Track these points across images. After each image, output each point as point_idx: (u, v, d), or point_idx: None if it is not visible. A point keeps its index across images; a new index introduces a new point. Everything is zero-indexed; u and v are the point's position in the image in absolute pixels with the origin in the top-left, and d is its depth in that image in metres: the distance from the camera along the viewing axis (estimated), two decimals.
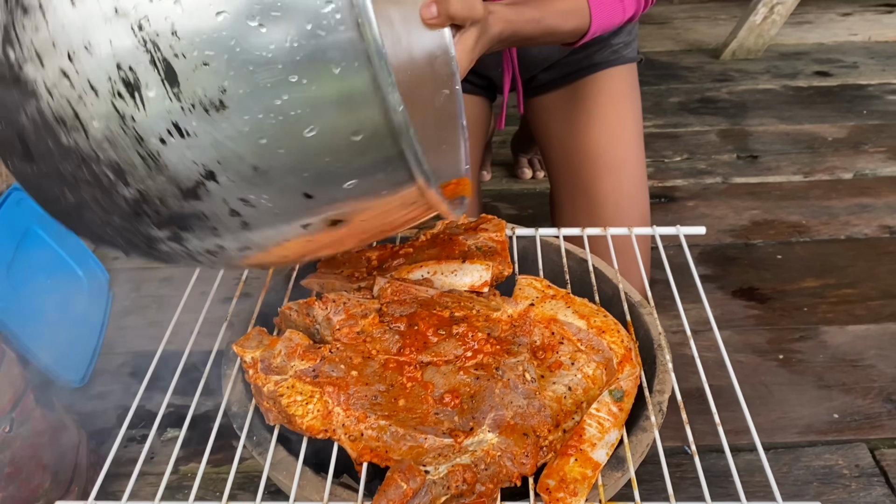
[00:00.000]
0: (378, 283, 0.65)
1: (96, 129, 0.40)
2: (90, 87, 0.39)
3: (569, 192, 0.98)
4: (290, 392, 0.56)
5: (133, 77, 0.38)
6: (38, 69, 0.40)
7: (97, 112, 0.40)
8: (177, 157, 0.40)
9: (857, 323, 1.11)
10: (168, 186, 0.42)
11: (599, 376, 0.59)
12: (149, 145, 0.40)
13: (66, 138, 0.41)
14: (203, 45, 0.37)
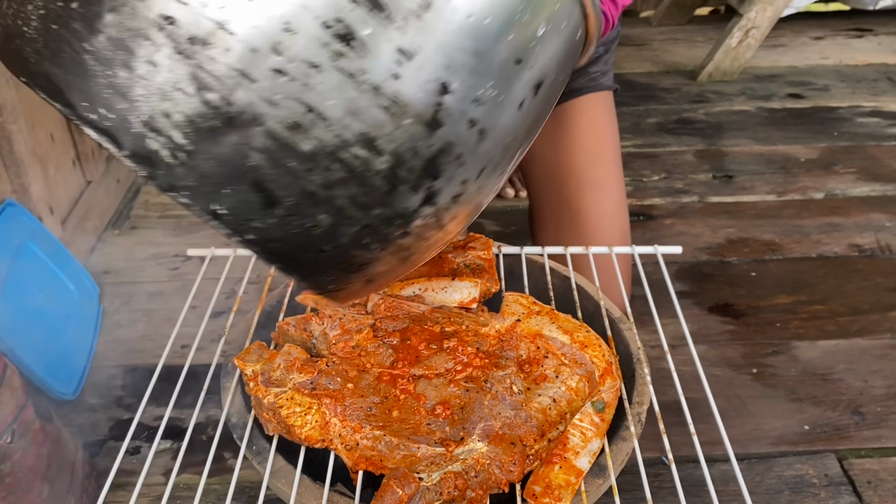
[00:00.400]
0: (372, 300, 0.68)
1: (334, 108, 0.38)
2: (311, 65, 0.37)
3: (551, 209, 1.02)
4: (289, 403, 0.59)
5: (343, 27, 0.37)
6: (249, 87, 0.37)
7: (327, 87, 0.38)
8: (414, 86, 0.38)
9: (827, 338, 1.15)
10: (415, 128, 0.40)
11: (582, 389, 0.62)
12: (386, 90, 0.38)
13: (308, 141, 0.39)
14: None
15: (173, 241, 1.39)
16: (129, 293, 1.26)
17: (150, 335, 1.17)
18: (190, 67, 0.37)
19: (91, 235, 1.36)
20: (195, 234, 1.40)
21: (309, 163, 0.39)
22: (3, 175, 1.12)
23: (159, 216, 1.46)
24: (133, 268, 1.32)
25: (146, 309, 1.23)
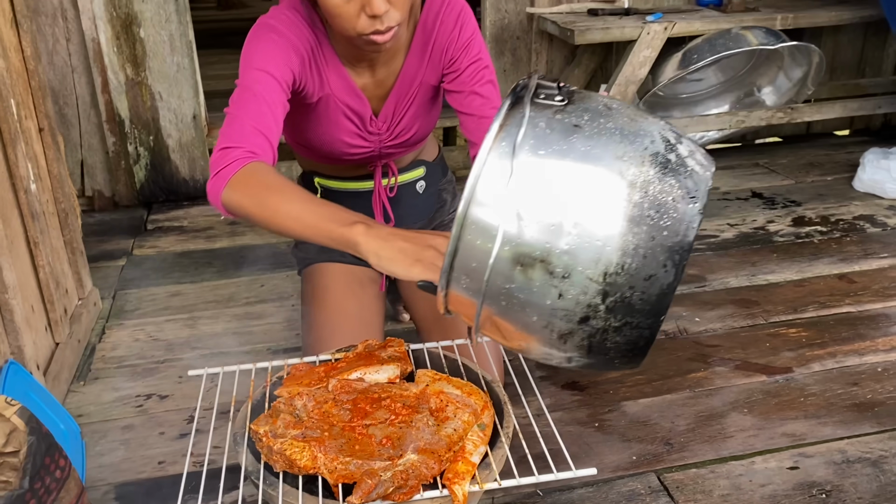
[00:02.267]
0: (331, 383, 1.05)
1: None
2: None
3: (435, 320, 1.42)
4: (290, 448, 0.94)
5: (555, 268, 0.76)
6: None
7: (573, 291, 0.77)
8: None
9: (645, 397, 1.59)
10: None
11: (471, 420, 1.01)
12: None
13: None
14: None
15: (133, 385, 1.68)
16: (104, 429, 1.54)
17: (130, 458, 1.45)
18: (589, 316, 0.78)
19: (64, 386, 1.63)
20: (151, 378, 1.70)
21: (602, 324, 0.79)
22: (5, 339, 1.41)
23: (116, 367, 1.75)
24: (103, 409, 1.60)
25: (122, 439, 1.51)
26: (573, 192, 0.77)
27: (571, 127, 0.79)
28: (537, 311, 0.79)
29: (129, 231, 2.43)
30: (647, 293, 0.78)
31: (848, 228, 2.34)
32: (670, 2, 2.79)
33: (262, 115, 1.11)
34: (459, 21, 1.27)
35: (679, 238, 0.77)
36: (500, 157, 0.78)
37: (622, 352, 0.83)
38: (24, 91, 1.63)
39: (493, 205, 0.78)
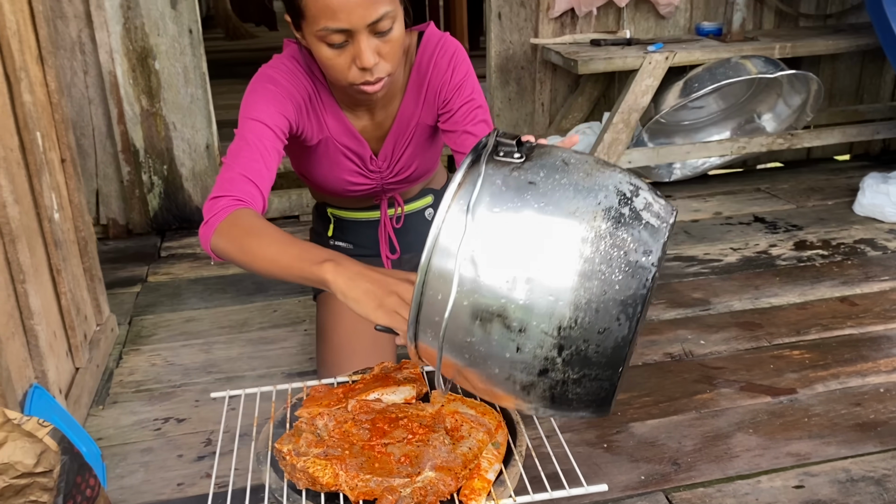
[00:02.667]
0: (350, 404, 1.09)
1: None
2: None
3: None
4: (313, 466, 0.97)
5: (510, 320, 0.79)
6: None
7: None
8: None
9: (653, 418, 1.62)
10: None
11: (485, 438, 1.04)
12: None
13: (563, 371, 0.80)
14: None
15: (150, 409, 1.71)
16: (124, 452, 1.57)
17: (149, 480, 1.49)
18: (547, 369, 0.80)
19: (84, 410, 1.67)
20: (168, 402, 1.73)
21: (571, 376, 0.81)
22: (30, 364, 1.45)
23: (134, 391, 1.78)
24: (122, 433, 1.63)
25: (141, 461, 1.54)
26: (526, 248, 0.79)
27: (526, 184, 0.81)
28: (498, 364, 0.82)
29: (144, 258, 2.48)
30: (602, 346, 0.79)
31: (849, 252, 2.38)
32: (671, 32, 2.86)
33: (252, 163, 1.17)
34: (452, 63, 1.32)
35: (632, 291, 0.78)
36: (458, 214, 0.81)
37: (585, 402, 0.85)
38: (48, 124, 1.69)
39: (451, 260, 0.80)
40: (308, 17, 1.14)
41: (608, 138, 2.50)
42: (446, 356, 0.85)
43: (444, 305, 0.80)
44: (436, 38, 1.34)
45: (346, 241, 1.58)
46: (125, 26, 2.40)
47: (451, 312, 0.80)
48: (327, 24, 1.12)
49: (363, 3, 1.10)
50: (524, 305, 0.78)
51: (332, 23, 1.11)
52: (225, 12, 6.12)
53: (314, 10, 1.12)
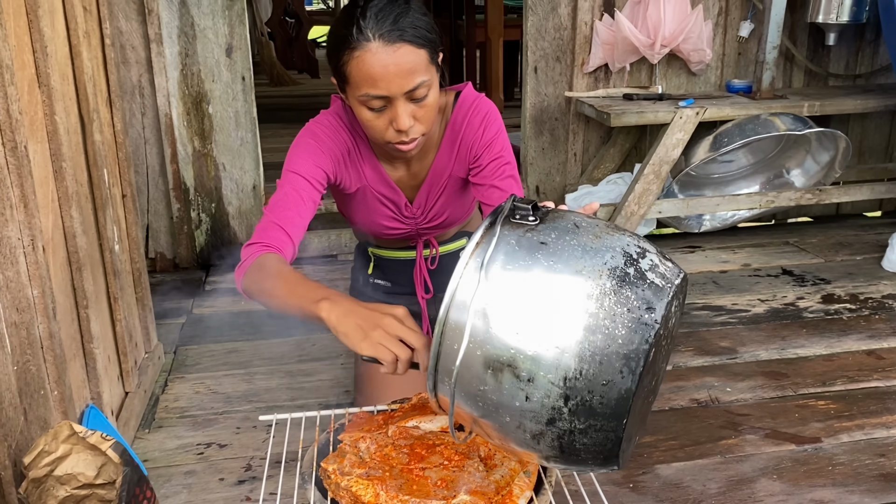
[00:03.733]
0: (390, 429, 1.16)
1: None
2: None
3: None
4: (356, 485, 1.04)
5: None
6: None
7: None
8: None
9: (678, 461, 1.66)
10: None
11: (517, 467, 1.10)
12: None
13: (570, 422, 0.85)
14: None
15: (194, 434, 1.79)
16: (168, 474, 1.65)
17: (192, 501, 1.56)
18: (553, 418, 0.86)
19: (132, 433, 1.76)
20: (210, 428, 1.81)
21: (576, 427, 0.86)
22: (87, 385, 1.55)
23: (178, 416, 1.87)
24: (166, 456, 1.71)
25: (185, 483, 1.62)
26: (535, 303, 0.85)
27: (538, 244, 0.88)
28: (509, 413, 0.87)
29: (189, 291, 2.59)
30: (606, 397, 0.84)
31: (877, 307, 2.41)
32: (702, 88, 2.95)
33: (286, 212, 1.32)
34: (484, 122, 1.43)
35: (635, 346, 0.83)
36: (473, 270, 0.88)
37: (592, 453, 0.89)
38: (112, 161, 1.81)
39: (465, 313, 0.87)
40: (351, 82, 1.25)
41: (639, 189, 2.58)
42: (462, 406, 0.91)
43: (458, 355, 0.87)
44: (471, 98, 1.45)
45: (385, 279, 1.67)
46: (182, 72, 2.55)
47: (462, 361, 0.87)
48: (368, 90, 1.24)
49: (401, 74, 1.22)
50: (532, 356, 0.84)
51: (372, 90, 1.23)
52: (270, 60, 6.36)
53: (357, 77, 1.24)
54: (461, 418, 0.95)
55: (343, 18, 1.25)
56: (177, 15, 2.50)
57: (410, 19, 1.23)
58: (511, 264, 0.87)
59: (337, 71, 1.28)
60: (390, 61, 1.21)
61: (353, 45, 1.22)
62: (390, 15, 1.22)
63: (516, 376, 0.85)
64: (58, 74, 1.45)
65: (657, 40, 2.70)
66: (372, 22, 1.21)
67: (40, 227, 1.28)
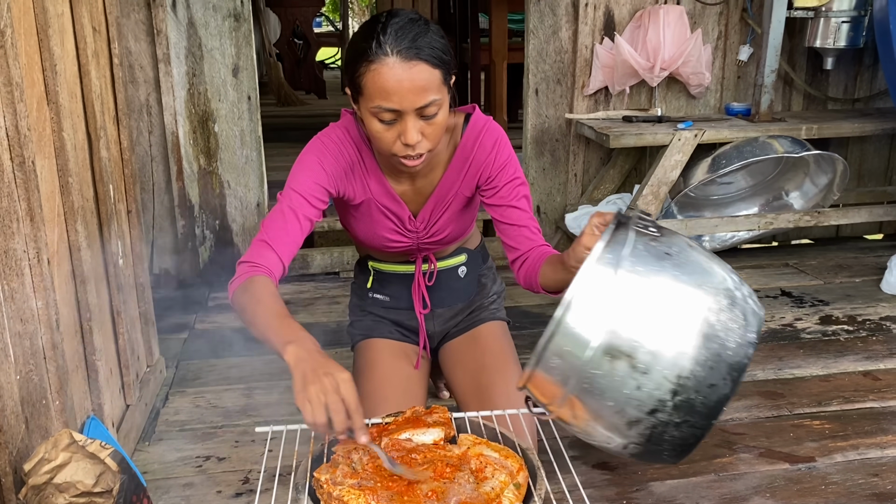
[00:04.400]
0: (383, 441, 1.18)
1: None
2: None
3: (474, 393, 1.55)
4: (347, 494, 1.06)
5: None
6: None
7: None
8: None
9: (672, 478, 1.67)
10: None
11: (507, 480, 1.12)
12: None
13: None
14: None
15: (193, 447, 1.81)
16: (167, 486, 1.67)
17: None
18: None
19: (132, 445, 1.78)
20: (209, 441, 1.83)
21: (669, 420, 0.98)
22: (88, 396, 1.57)
23: (178, 430, 1.89)
24: (166, 468, 1.73)
25: (183, 495, 1.63)
26: (663, 305, 0.97)
27: (664, 254, 1.00)
28: (614, 398, 0.97)
29: (192, 307, 2.62)
30: (708, 399, 0.96)
31: (874, 328, 2.42)
32: (701, 111, 2.99)
33: (280, 232, 1.38)
34: (497, 146, 1.49)
35: (738, 359, 0.97)
36: (605, 265, 0.98)
37: (674, 445, 1.00)
38: (118, 178, 1.85)
39: (594, 302, 0.96)
40: (365, 94, 1.30)
41: None
42: (559, 384, 1.00)
43: (583, 338, 0.96)
44: (481, 122, 1.51)
45: (384, 293, 1.70)
46: (189, 91, 2.60)
47: (578, 344, 0.97)
48: (381, 103, 1.28)
49: (414, 90, 1.27)
50: (653, 351, 0.94)
51: (385, 103, 1.28)
52: (278, 80, 6.43)
53: (371, 89, 1.28)
54: (548, 395, 1.03)
55: (364, 32, 1.31)
56: (185, 36, 2.56)
57: (428, 39, 1.29)
58: (641, 266, 0.98)
59: (352, 82, 1.33)
60: (405, 77, 1.26)
61: (370, 57, 1.27)
62: (409, 33, 1.28)
63: (633, 366, 0.95)
64: (66, 92, 1.49)
65: (657, 64, 2.74)
66: (392, 38, 1.27)
67: (46, 240, 1.32)
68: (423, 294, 1.66)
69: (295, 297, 2.72)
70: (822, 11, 2.72)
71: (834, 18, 2.73)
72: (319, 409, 1.06)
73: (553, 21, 2.82)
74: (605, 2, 2.81)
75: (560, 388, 1.00)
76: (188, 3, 2.54)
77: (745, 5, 2.88)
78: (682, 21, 2.76)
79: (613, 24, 2.83)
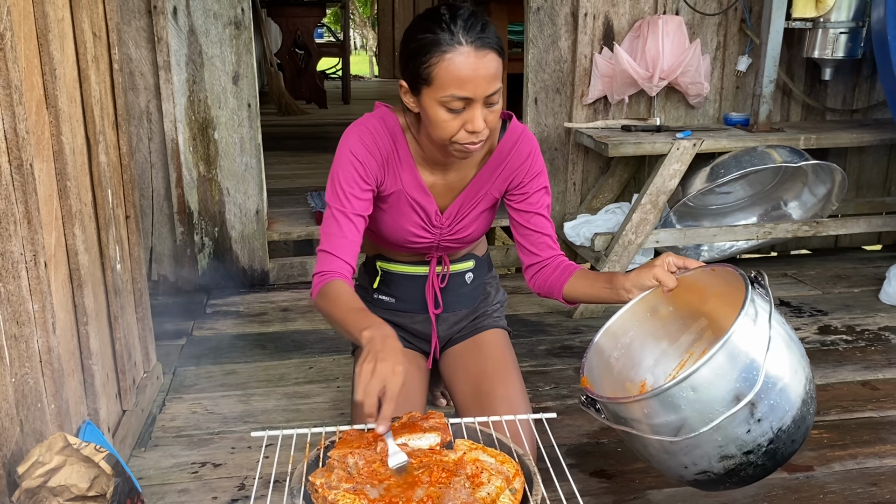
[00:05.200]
0: (379, 446, 1.17)
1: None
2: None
3: (474, 400, 1.54)
4: (343, 499, 1.06)
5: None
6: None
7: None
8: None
9: (669, 487, 1.67)
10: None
11: (503, 486, 1.12)
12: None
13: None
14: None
15: (189, 453, 1.81)
16: (162, 492, 1.66)
17: None
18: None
19: (128, 450, 1.77)
20: (206, 448, 1.83)
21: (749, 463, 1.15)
22: (84, 401, 1.57)
23: (174, 436, 1.88)
24: (161, 474, 1.73)
25: (178, 501, 1.63)
26: (786, 368, 1.12)
27: (782, 321, 1.17)
28: (724, 434, 1.11)
29: (190, 314, 2.62)
30: (786, 450, 1.15)
31: (873, 338, 2.42)
32: (700, 121, 3.00)
33: (336, 240, 1.44)
34: (532, 155, 1.55)
35: (810, 423, 1.18)
36: (757, 323, 1.12)
37: (739, 480, 1.17)
38: (117, 183, 1.85)
39: (742, 349, 1.11)
40: (436, 83, 1.32)
41: (636, 218, 2.61)
42: (683, 408, 1.13)
43: (721, 381, 1.11)
44: (520, 129, 1.56)
45: (390, 294, 1.69)
46: (190, 98, 2.61)
47: (717, 385, 1.11)
48: (455, 91, 1.31)
49: (487, 78, 1.31)
50: (771, 405, 1.11)
51: (459, 91, 1.31)
52: (279, 89, 6.45)
53: (444, 78, 1.31)
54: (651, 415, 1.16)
55: (426, 24, 1.34)
56: (185, 43, 2.57)
57: (492, 29, 1.34)
58: (774, 331, 1.12)
59: (416, 73, 1.35)
60: (480, 65, 1.31)
61: (444, 48, 1.30)
62: (478, 23, 1.32)
63: (751, 413, 1.10)
64: (66, 96, 1.50)
65: (655, 73, 2.75)
66: (462, 29, 1.31)
67: (43, 243, 1.32)
68: (436, 293, 1.66)
69: (293, 304, 2.71)
70: (821, 22, 2.73)
71: (832, 29, 2.74)
72: (361, 386, 1.16)
73: (552, 31, 2.83)
74: (604, 12, 2.82)
75: (675, 415, 1.13)
76: (189, 10, 2.55)
77: (744, 16, 2.90)
78: (680, 31, 2.77)
79: (612, 33, 2.84)
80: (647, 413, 1.16)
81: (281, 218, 3.06)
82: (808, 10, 2.72)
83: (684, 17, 2.84)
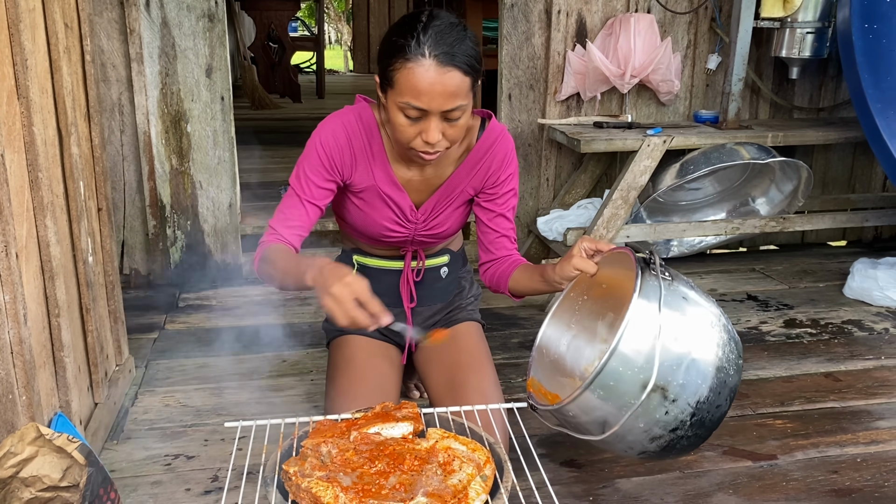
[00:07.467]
0: (352, 435, 1.19)
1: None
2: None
3: (447, 391, 1.56)
4: (316, 486, 1.07)
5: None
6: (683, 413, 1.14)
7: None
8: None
9: (638, 476, 1.70)
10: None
11: (474, 473, 1.14)
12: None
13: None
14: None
15: (162, 446, 1.81)
16: (135, 484, 1.66)
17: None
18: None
19: (100, 443, 1.76)
20: (179, 440, 1.83)
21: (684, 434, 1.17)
22: (56, 393, 1.56)
23: (147, 429, 1.88)
24: (134, 466, 1.72)
25: (151, 493, 1.63)
26: (687, 345, 1.13)
27: (682, 298, 1.17)
28: (645, 420, 1.13)
29: (163, 307, 2.60)
30: (714, 416, 1.16)
31: (836, 331, 2.48)
32: (670, 118, 3.04)
33: (289, 223, 1.49)
34: (507, 157, 1.57)
35: (734, 383, 1.18)
36: (647, 309, 1.13)
37: (679, 451, 1.20)
38: (89, 175, 1.84)
39: (640, 336, 1.11)
40: (396, 88, 1.34)
41: (607, 213, 2.64)
42: (598, 410, 1.15)
43: (627, 374, 1.11)
44: (498, 129, 1.57)
45: None
46: (162, 91, 2.60)
47: (622, 380, 1.12)
48: (410, 100, 1.33)
49: (444, 94, 1.32)
50: (682, 384, 1.12)
51: (414, 101, 1.32)
52: (252, 83, 6.41)
53: (403, 86, 1.32)
54: (585, 415, 1.18)
55: (403, 28, 1.34)
56: (158, 35, 2.55)
57: (465, 47, 1.33)
58: (667, 308, 1.14)
59: (384, 73, 1.37)
60: (438, 81, 1.30)
61: (408, 55, 1.31)
62: (448, 38, 1.31)
63: (664, 397, 1.12)
64: (37, 87, 1.49)
65: (627, 71, 2.79)
66: (431, 40, 1.31)
67: (14, 234, 1.31)
68: (410, 288, 1.68)
69: (267, 297, 2.71)
70: (788, 22, 2.79)
71: (799, 29, 2.79)
72: (338, 313, 1.19)
73: (526, 27, 2.86)
74: (577, 9, 2.85)
75: (596, 413, 1.15)
76: (162, 2, 2.53)
77: (714, 15, 2.95)
78: (652, 29, 2.81)
79: (585, 31, 2.87)
80: (574, 415, 1.19)
81: (254, 212, 3.05)
82: (776, 10, 2.77)
83: (656, 15, 2.88)
